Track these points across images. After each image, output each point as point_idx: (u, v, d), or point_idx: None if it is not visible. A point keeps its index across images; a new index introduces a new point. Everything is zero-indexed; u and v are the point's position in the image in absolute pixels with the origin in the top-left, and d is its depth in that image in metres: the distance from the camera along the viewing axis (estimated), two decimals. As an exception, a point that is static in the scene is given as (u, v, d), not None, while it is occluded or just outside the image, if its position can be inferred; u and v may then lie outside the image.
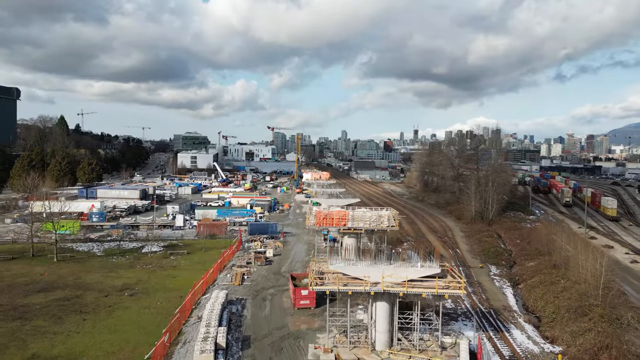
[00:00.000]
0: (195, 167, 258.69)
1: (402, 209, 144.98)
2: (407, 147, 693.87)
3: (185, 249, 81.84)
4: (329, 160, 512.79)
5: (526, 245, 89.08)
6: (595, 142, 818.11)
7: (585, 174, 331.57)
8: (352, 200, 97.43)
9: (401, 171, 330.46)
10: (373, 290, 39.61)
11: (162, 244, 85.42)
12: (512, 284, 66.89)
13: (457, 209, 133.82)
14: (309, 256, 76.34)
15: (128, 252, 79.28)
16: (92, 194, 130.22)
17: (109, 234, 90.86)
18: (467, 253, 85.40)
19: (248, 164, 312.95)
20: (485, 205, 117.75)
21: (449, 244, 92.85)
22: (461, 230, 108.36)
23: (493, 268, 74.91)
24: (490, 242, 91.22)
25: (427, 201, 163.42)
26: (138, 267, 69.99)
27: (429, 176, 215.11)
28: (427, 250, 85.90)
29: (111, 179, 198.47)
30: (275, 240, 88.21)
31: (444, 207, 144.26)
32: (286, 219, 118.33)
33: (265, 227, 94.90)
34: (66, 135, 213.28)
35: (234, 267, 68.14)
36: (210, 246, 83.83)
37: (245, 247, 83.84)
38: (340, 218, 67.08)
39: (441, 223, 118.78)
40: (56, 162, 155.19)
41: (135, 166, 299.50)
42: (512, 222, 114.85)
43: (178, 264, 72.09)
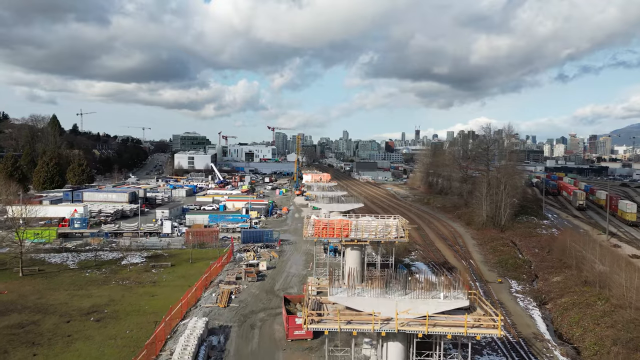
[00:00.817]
0: (192, 168, 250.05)
1: (407, 212, 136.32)
2: (409, 148, 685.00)
3: (169, 260, 73.25)
4: (330, 160, 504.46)
5: (546, 256, 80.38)
6: (598, 143, 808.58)
7: (592, 175, 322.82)
8: (355, 205, 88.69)
9: (404, 172, 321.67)
10: (384, 330, 30.95)
11: (145, 254, 76.87)
12: (539, 303, 58.19)
13: (465, 213, 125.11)
14: (307, 269, 67.79)
15: (106, 264, 70.66)
16: (78, 198, 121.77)
17: (88, 242, 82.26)
18: (482, 264, 76.63)
19: (247, 164, 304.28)
20: (497, 209, 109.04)
21: (461, 253, 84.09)
22: (473, 237, 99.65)
23: (514, 283, 66.16)
24: (506, 252, 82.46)
25: (433, 204, 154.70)
26: (113, 282, 61.39)
27: (434, 177, 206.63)
28: (439, 261, 77.36)
29: (104, 181, 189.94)
30: (271, 250, 79.58)
31: (452, 211, 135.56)
32: (284, 225, 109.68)
33: (260, 234, 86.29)
34: (58, 135, 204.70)
35: (221, 283, 59.49)
36: (198, 257, 75.27)
37: (237, 258, 75.22)
38: (342, 228, 58.43)
39: (450, 229, 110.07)
40: (43, 163, 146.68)
41: (133, 167, 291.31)
42: (526, 228, 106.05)
43: (159, 279, 63.46)
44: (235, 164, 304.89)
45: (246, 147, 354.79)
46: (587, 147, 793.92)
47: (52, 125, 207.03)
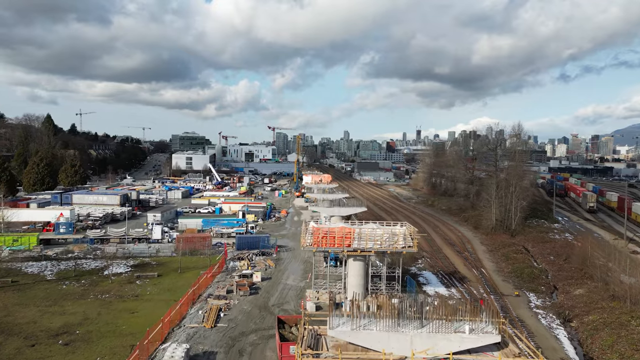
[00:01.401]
0: (190, 169, 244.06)
1: (412, 215, 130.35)
2: (410, 148, 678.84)
3: (157, 269, 67.28)
4: (331, 161, 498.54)
5: (564, 264, 74.31)
6: (600, 143, 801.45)
7: (597, 176, 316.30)
8: (357, 209, 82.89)
9: (406, 172, 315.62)
10: (398, 375, 24.95)
11: (131, 262, 70.98)
12: (563, 321, 52.08)
13: (472, 216, 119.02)
14: (305, 280, 61.87)
15: (86, 274, 64.69)
16: (67, 200, 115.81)
17: (70, 250, 76.34)
18: (495, 274, 70.50)
19: (247, 165, 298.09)
20: (506, 213, 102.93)
21: (471, 261, 77.99)
22: (482, 243, 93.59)
23: (532, 296, 60.05)
24: (520, 260, 76.31)
25: (437, 206, 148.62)
26: (91, 296, 55.42)
27: (437, 178, 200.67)
28: (448, 270, 71.33)
29: (99, 182, 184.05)
30: (267, 258, 73.57)
31: (457, 214, 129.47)
32: (282, 229, 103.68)
33: (256, 240, 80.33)
34: (53, 135, 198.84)
35: (210, 298, 53.47)
36: (188, 265, 69.34)
37: (230, 267, 69.22)
38: (343, 237, 52.47)
39: (457, 233, 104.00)
40: (33, 164, 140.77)
41: (131, 167, 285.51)
42: (538, 233, 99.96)
43: (143, 292, 57.47)
44: (235, 164, 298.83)
45: (246, 147, 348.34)
46: (589, 147, 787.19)
47: (46, 124, 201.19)
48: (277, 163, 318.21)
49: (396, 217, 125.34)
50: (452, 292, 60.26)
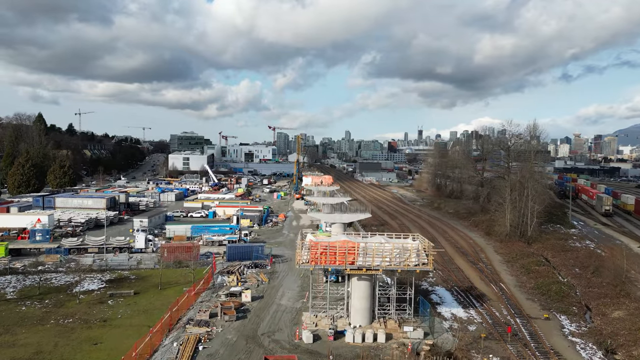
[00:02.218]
0: (187, 170, 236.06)
1: (417, 219, 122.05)
2: (412, 148, 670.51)
3: (134, 285, 59.16)
4: (332, 161, 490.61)
5: (592, 278, 65.92)
6: (603, 143, 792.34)
7: (604, 176, 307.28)
8: (361, 215, 74.63)
9: (409, 173, 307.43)
10: None
11: (107, 276, 62.92)
12: (605, 353, 43.68)
13: (483, 220, 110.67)
14: (302, 300, 53.60)
15: (53, 292, 56.54)
16: (50, 204, 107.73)
17: (41, 261, 68.18)
18: (516, 290, 62.11)
19: (246, 165, 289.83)
20: (521, 218, 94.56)
21: (487, 274, 69.59)
22: (496, 252, 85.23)
23: (564, 320, 51.65)
24: (543, 273, 67.83)
25: (444, 209, 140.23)
26: (52, 321, 47.26)
27: (442, 179, 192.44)
28: (463, 285, 62.98)
29: (91, 183, 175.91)
30: (260, 271, 65.32)
31: (466, 218, 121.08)
32: (279, 235, 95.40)
33: (248, 250, 72.06)
34: (44, 134, 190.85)
35: (190, 324, 45.20)
36: (171, 280, 61.28)
37: (218, 282, 60.96)
38: (346, 252, 44.25)
39: (468, 240, 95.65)
40: (19, 165, 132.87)
41: (128, 168, 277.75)
42: (556, 240, 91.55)
43: (113, 315, 49.28)
44: (234, 164, 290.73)
45: (246, 147, 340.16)
46: (592, 147, 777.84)
47: (37, 124, 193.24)
48: (277, 163, 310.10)
49: (401, 222, 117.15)
50: (471, 314, 51.90)
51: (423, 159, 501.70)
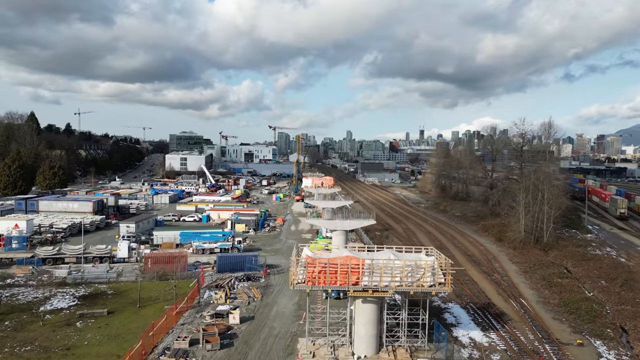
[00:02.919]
0: (185, 170, 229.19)
1: (423, 223, 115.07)
2: (414, 148, 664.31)
3: (110, 302, 52.33)
4: (334, 161, 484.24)
5: (622, 292, 58.99)
6: (606, 143, 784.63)
7: (610, 177, 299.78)
8: (364, 221, 67.58)
9: (411, 173, 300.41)
10: None
11: (82, 291, 56.09)
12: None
13: (493, 225, 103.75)
14: (298, 321, 46.73)
15: (17, 310, 49.66)
16: (33, 207, 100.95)
17: (11, 273, 61.30)
18: (540, 307, 55.06)
19: (245, 165, 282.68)
20: (535, 223, 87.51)
21: (504, 287, 62.56)
22: (511, 260, 78.21)
23: (600, 345, 44.57)
24: (567, 287, 60.83)
25: (450, 212, 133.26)
26: (7, 349, 40.39)
27: (447, 180, 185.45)
28: (479, 302, 55.99)
29: (84, 185, 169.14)
30: (252, 285, 58.44)
31: (475, 222, 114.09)
32: (276, 242, 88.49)
33: (241, 260, 65.15)
34: (36, 134, 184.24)
35: (165, 355, 38.32)
36: (152, 295, 54.51)
37: (205, 298, 54.13)
38: (349, 270, 37.36)
39: (479, 247, 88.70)
40: (5, 166, 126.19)
41: (125, 168, 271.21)
42: (574, 248, 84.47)
43: (79, 342, 42.38)
44: (233, 165, 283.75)
45: (246, 147, 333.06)
46: (595, 147, 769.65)
47: (29, 123, 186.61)
48: (278, 164, 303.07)
49: (406, 226, 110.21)
50: (492, 339, 44.87)
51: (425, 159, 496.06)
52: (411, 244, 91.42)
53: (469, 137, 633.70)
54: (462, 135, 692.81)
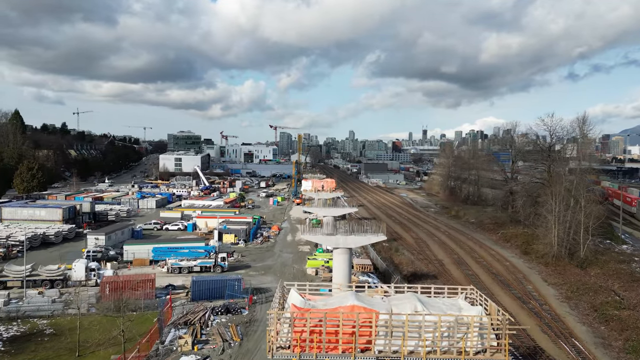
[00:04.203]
0: (179, 171, 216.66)
1: (436, 231, 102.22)
2: (417, 148, 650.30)
3: (43, 349, 39.82)
4: (336, 161, 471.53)
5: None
6: (611, 143, 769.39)
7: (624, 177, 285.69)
8: (372, 237, 54.58)
9: (417, 174, 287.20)
10: None
11: (15, 328, 43.57)
12: None
13: (515, 235, 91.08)
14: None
15: None
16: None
17: None
18: (602, 354, 42.12)
19: (244, 166, 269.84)
20: (566, 233, 74.56)
21: (548, 320, 49.63)
22: (546, 281, 65.36)
23: None
24: (628, 322, 47.85)
25: (463, 218, 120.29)
26: None
27: (456, 182, 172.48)
28: (522, 345, 43.02)
29: (69, 187, 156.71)
30: (231, 321, 45.69)
31: (493, 230, 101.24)
32: (268, 256, 75.72)
33: (220, 286, 52.49)
34: (21, 133, 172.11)
35: None
36: (100, 338, 41.66)
37: (167, 341, 41.40)
38: (356, 330, 24.58)
39: (503, 262, 75.84)
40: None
41: (120, 169, 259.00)
42: (616, 264, 71.33)
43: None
44: (232, 165, 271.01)
45: (245, 147, 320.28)
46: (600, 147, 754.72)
47: (13, 121, 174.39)
48: (278, 164, 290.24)
49: (416, 235, 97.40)
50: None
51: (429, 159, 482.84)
52: (424, 257, 78.69)
53: (473, 137, 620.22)
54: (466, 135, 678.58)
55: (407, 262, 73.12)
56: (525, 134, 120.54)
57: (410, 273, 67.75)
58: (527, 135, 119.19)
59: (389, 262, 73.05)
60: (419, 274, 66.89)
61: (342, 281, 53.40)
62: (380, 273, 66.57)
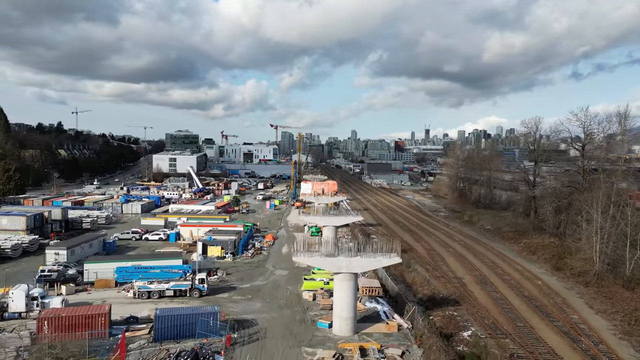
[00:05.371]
0: (174, 172, 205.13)
1: (449, 240, 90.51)
2: (420, 147, 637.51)
3: None
4: (338, 161, 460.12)
5: None
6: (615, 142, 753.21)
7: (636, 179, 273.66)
8: (384, 259, 42.88)
9: (421, 174, 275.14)
10: None
11: None
12: None
13: (541, 245, 79.34)
14: None
15: None
16: (-51, 224, 76.91)
17: None
18: None
19: (243, 167, 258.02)
20: (613, 247, 62.75)
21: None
22: (591, 307, 53.57)
23: None
24: None
25: (478, 224, 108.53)
26: None
27: (466, 183, 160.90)
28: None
29: (53, 189, 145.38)
30: (199, 376, 34.07)
31: (513, 239, 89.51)
32: (258, 273, 64.02)
33: (190, 321, 40.81)
34: (4, 132, 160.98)
35: None
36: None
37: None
38: None
39: (533, 279, 64.13)
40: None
41: (115, 169, 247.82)
42: (671, 284, 59.58)
43: None
44: (231, 165, 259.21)
45: (244, 146, 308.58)
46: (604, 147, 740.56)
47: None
48: (278, 164, 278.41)
49: (428, 245, 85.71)
50: None
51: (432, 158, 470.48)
52: (440, 273, 66.97)
53: (476, 136, 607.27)
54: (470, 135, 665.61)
55: (422, 282, 61.39)
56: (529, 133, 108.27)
57: (426, 297, 56.09)
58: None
59: (400, 281, 61.40)
60: (438, 298, 55.24)
61: (346, 313, 42.02)
62: (391, 297, 54.91)
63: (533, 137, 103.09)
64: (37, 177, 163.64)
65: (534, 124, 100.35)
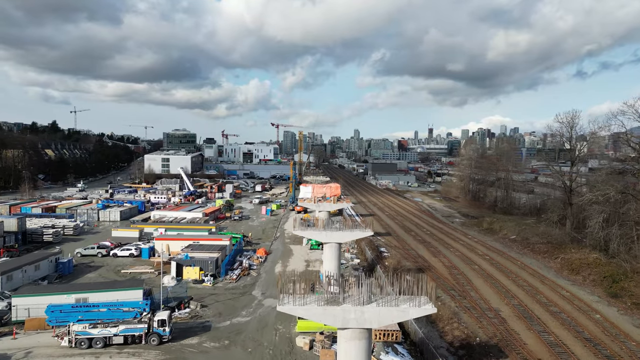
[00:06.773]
0: (167, 173, 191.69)
1: (472, 255, 76.45)
2: (424, 147, 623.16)
3: None
4: (341, 160, 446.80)
5: None
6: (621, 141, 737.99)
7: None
8: (414, 309, 29.22)
9: (428, 175, 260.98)
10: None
11: None
12: None
13: (586, 263, 65.74)
14: None
15: None
16: None
17: None
18: None
19: (242, 167, 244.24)
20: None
21: None
22: (683, 359, 39.64)
23: None
24: None
25: (500, 233, 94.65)
26: None
27: (480, 186, 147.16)
28: None
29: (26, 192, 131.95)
30: None
31: (547, 253, 75.70)
32: (242, 303, 50.31)
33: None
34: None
35: None
36: None
37: None
38: None
39: (589, 312, 50.39)
40: None
41: (109, 170, 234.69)
42: None
43: None
44: (228, 166, 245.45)
45: (244, 146, 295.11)
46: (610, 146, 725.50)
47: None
48: (279, 164, 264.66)
49: (449, 261, 71.81)
50: None
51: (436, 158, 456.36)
52: (471, 303, 53.13)
53: (481, 136, 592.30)
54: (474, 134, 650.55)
55: (450, 317, 47.65)
56: (533, 132, 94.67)
57: (458, 341, 42.40)
58: (534, 133, 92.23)
59: (423, 317, 47.61)
60: (474, 344, 41.52)
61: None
62: (413, 343, 41.30)
63: (570, 133, 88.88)
64: (18, 179, 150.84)
65: (571, 118, 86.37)
